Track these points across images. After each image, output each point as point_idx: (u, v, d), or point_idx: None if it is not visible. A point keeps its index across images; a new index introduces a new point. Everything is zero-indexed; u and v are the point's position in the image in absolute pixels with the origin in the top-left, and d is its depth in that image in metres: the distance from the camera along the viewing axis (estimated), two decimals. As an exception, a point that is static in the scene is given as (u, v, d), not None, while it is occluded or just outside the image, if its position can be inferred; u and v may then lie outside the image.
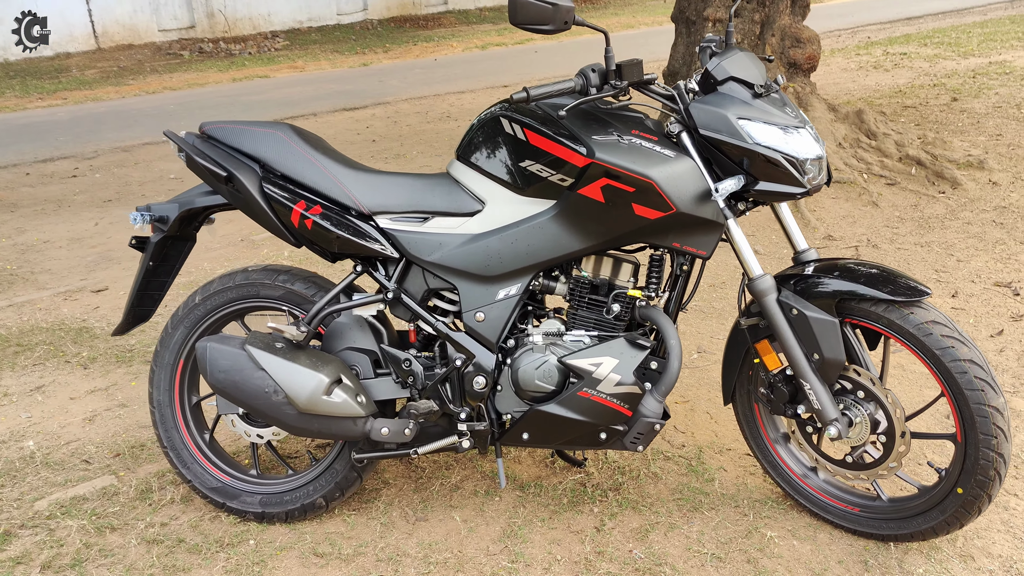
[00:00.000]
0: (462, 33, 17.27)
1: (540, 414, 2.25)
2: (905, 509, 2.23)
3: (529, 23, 2.03)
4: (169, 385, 2.58)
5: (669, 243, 2.19)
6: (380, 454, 2.44)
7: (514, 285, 2.29)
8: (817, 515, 2.39)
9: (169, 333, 2.55)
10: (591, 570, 2.30)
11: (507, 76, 11.47)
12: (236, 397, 2.31)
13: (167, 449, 2.58)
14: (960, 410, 2.03)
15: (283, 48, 15.85)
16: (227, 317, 2.54)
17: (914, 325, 2.03)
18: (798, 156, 2.08)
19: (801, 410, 2.26)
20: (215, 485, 2.57)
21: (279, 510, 2.53)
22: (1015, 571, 2.18)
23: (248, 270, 2.52)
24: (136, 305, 2.58)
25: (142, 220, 2.45)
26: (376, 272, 2.38)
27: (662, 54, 12.40)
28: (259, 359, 2.27)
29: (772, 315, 2.18)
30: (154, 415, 2.59)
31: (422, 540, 2.47)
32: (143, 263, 2.52)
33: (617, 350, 2.21)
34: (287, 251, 5.01)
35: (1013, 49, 10.18)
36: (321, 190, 2.34)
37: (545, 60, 12.71)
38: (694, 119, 2.14)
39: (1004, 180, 5.33)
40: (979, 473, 2.04)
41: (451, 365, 2.32)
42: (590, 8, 19.95)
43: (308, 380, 2.25)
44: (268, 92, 11.31)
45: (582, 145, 2.12)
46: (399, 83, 11.42)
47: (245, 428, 2.53)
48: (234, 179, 2.33)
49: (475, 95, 10.32)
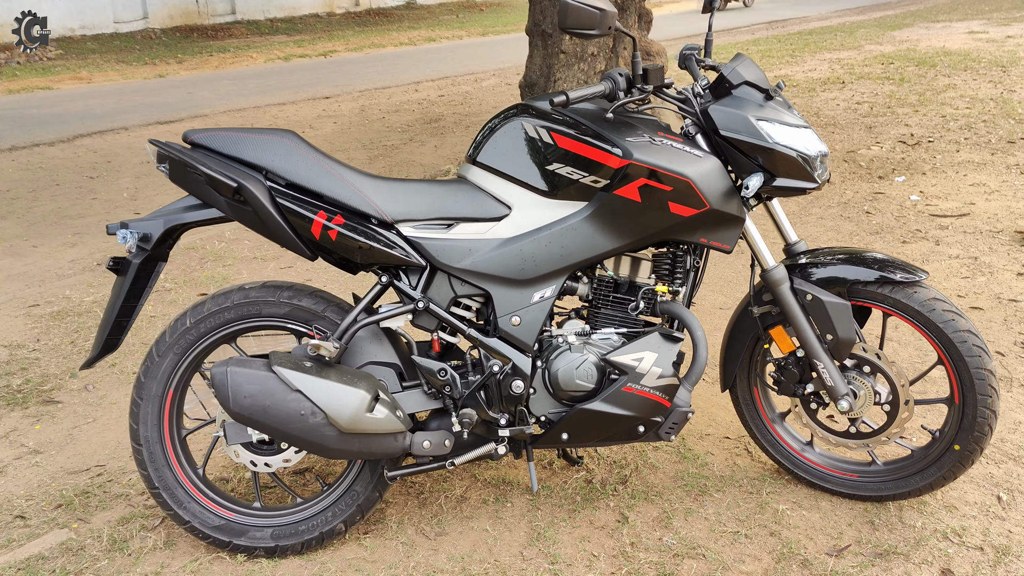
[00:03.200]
0: (257, 44, 16.67)
1: (585, 413, 2.28)
2: (902, 470, 2.47)
3: (578, 27, 2.07)
4: (158, 419, 2.34)
5: (697, 239, 2.30)
6: (415, 469, 2.36)
7: (548, 287, 2.31)
8: (816, 485, 2.59)
9: (156, 361, 2.32)
10: (632, 561, 2.35)
11: (324, 87, 11.24)
12: (264, 423, 2.15)
13: (158, 490, 2.34)
14: (959, 375, 2.29)
15: (57, 58, 14.53)
16: (222, 340, 2.36)
17: (918, 303, 2.27)
18: (809, 153, 2.26)
19: (809, 388, 2.45)
20: (218, 523, 2.37)
21: (294, 541, 2.37)
22: (992, 513, 2.49)
23: (245, 288, 2.35)
24: (109, 334, 2.32)
25: (131, 238, 2.22)
26: (399, 282, 2.31)
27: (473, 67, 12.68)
28: (292, 380, 2.13)
29: (787, 302, 2.35)
30: (141, 454, 2.34)
31: (451, 554, 2.41)
32: (122, 287, 2.28)
33: (655, 344, 2.29)
34: (245, 270, 4.67)
35: (799, 63, 11.37)
36: (340, 199, 2.23)
37: (358, 71, 12.56)
38: (714, 121, 2.26)
39: (835, 179, 5.98)
40: (976, 430, 2.31)
41: (488, 371, 2.29)
42: (384, 22, 19.89)
43: (350, 398, 2.14)
44: (59, 105, 10.36)
45: (616, 147, 2.18)
46: (210, 95, 10.85)
47: (251, 458, 2.35)
48: (243, 190, 2.17)
49: (297, 107, 10.03)
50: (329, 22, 19.48)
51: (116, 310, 2.28)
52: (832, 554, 2.35)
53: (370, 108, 9.76)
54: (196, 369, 2.38)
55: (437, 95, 10.47)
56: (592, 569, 2.34)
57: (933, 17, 16.43)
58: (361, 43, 16.05)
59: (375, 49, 15.36)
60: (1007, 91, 8.72)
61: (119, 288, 2.29)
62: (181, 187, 2.28)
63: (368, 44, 15.90)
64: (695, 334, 2.33)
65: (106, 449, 3.02)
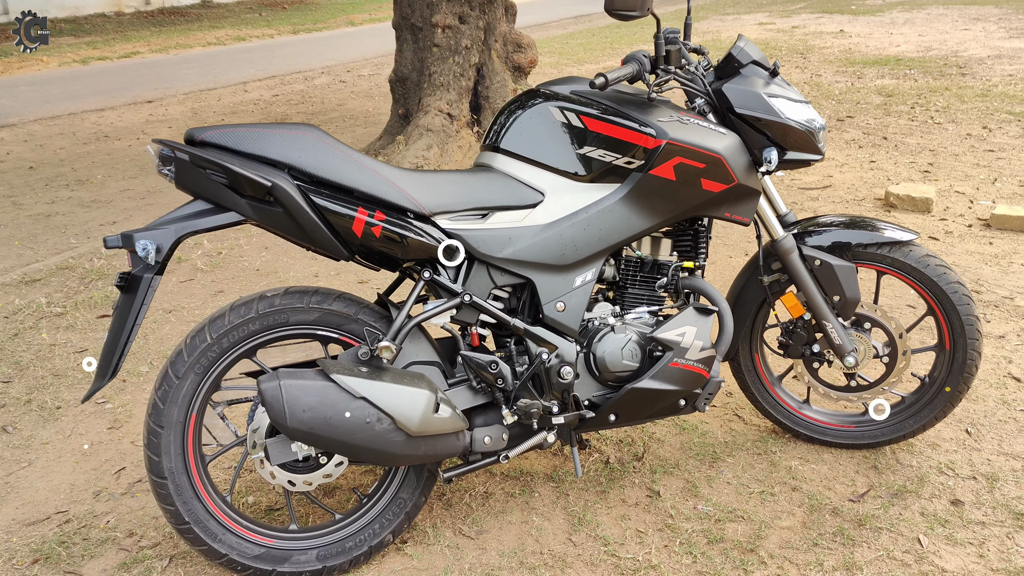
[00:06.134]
0: (42, 47, 15.19)
1: (636, 391, 2.30)
2: (897, 415, 2.68)
3: (623, 9, 2.09)
4: (181, 448, 2.13)
5: (722, 214, 2.38)
6: (471, 467, 2.28)
7: (589, 271, 2.31)
8: (815, 440, 2.76)
9: (175, 384, 2.11)
10: (678, 532, 2.41)
11: (142, 91, 10.45)
12: (325, 437, 2.01)
13: (189, 525, 2.13)
14: (951, 322, 2.52)
15: None
16: (245, 355, 2.17)
17: (915, 260, 2.48)
18: (814, 126, 2.40)
19: (816, 349, 2.60)
20: (258, 552, 2.18)
21: (342, 560, 2.24)
22: (968, 445, 2.76)
23: (268, 295, 2.18)
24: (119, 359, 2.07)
25: (151, 249, 1.99)
26: (439, 277, 2.22)
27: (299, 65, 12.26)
28: (355, 387, 2.01)
29: (797, 268, 2.49)
30: (165, 488, 2.11)
31: (502, 551, 2.36)
32: (132, 305, 2.04)
33: (692, 319, 2.34)
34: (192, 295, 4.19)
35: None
36: (376, 194, 2.12)
37: (173, 73, 11.79)
38: (728, 100, 2.35)
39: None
40: (966, 371, 2.55)
41: (536, 360, 2.26)
42: (182, 22, 18.75)
43: (416, 399, 2.04)
44: None
45: (649, 127, 2.22)
46: (11, 103, 9.79)
47: (289, 477, 2.19)
48: (276, 189, 2.01)
49: (119, 112, 9.27)
50: (119, 22, 18.10)
51: (130, 331, 2.04)
52: (855, 500, 2.52)
53: (203, 111, 9.19)
54: (216, 389, 2.18)
55: (271, 95, 10.02)
56: (644, 544, 2.37)
57: (723, 10, 17.67)
58: (164, 44, 15.03)
59: (183, 50, 14.43)
60: (814, 75, 9.57)
61: (128, 307, 2.04)
62: (189, 191, 2.07)
63: (173, 45, 14.91)
64: (720, 306, 2.41)
65: (59, 494, 2.70)
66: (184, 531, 2.14)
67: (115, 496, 2.68)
